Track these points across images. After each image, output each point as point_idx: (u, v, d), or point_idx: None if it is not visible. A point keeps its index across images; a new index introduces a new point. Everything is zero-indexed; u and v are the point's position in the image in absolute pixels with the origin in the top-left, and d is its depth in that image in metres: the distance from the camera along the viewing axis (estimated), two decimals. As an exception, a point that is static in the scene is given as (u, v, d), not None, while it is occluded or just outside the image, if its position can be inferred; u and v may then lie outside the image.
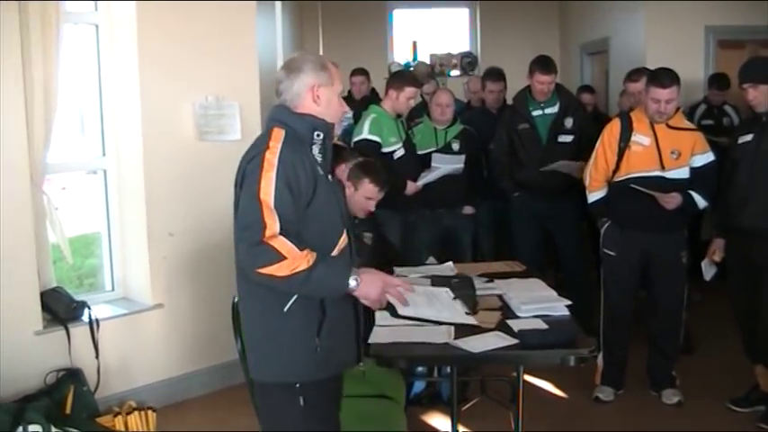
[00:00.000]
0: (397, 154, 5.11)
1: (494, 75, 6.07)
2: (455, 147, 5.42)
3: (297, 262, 2.40)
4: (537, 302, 3.39)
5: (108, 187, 4.73)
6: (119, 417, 4.13)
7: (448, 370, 3.96)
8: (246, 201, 2.48)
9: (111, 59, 4.64)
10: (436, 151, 5.34)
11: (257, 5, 5.11)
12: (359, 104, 6.73)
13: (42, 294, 4.23)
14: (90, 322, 4.32)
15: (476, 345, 2.95)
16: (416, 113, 5.73)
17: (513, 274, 4.02)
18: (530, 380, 4.78)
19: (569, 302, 3.40)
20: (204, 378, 4.82)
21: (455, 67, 10.25)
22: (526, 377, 4.45)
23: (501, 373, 4.24)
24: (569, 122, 5.28)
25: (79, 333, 4.29)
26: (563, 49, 9.85)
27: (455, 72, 10.18)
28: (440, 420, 4.37)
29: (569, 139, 5.27)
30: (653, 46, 7.27)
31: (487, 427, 4.15)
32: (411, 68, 9.06)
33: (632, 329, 4.70)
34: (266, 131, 2.60)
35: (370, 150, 4.86)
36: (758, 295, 4.25)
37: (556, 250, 5.64)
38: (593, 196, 4.65)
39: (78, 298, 4.39)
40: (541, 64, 5.21)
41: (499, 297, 3.56)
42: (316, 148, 2.59)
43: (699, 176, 4.42)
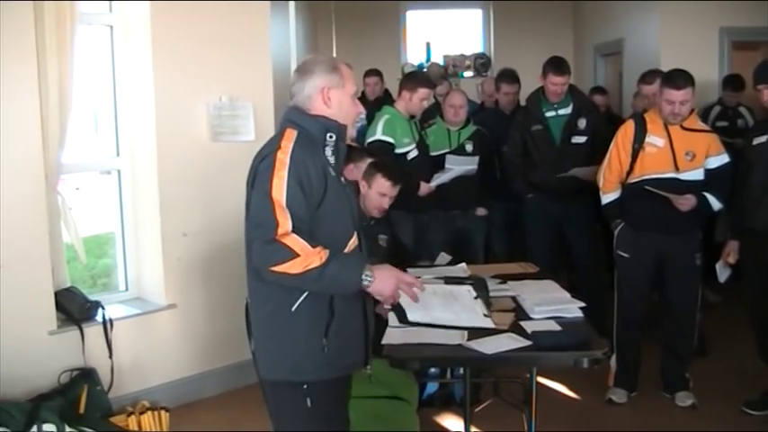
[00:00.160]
0: (411, 155, 5.10)
1: (508, 77, 6.06)
2: (468, 148, 5.41)
3: (310, 259, 2.40)
4: (550, 304, 3.38)
5: (122, 187, 4.75)
6: (132, 416, 4.15)
7: (461, 371, 3.96)
8: (258, 199, 2.49)
9: (125, 60, 4.66)
10: (449, 152, 5.34)
11: (271, 6, 5.12)
12: (372, 105, 6.71)
13: (56, 294, 4.25)
14: (104, 322, 4.34)
15: (489, 346, 2.95)
16: (430, 115, 5.73)
17: (527, 275, 4.02)
18: (543, 381, 4.77)
19: (583, 304, 3.39)
20: (217, 378, 4.83)
21: (468, 68, 10.24)
22: (539, 379, 4.43)
23: (514, 374, 4.25)
24: (583, 123, 5.26)
25: (93, 333, 4.31)
26: (577, 50, 9.82)
27: (468, 73, 10.17)
28: (452, 422, 4.37)
29: (583, 140, 5.25)
30: (667, 47, 7.25)
31: (500, 429, 4.14)
32: (424, 69, 9.09)
33: (646, 331, 4.67)
34: (279, 132, 2.62)
35: (384, 151, 4.86)
36: (773, 297, 4.23)
37: (569, 252, 5.62)
38: (606, 198, 4.63)
39: (92, 298, 4.41)
40: (555, 65, 5.20)
41: (512, 298, 3.55)
42: (328, 149, 2.60)
43: (713, 178, 4.40)
